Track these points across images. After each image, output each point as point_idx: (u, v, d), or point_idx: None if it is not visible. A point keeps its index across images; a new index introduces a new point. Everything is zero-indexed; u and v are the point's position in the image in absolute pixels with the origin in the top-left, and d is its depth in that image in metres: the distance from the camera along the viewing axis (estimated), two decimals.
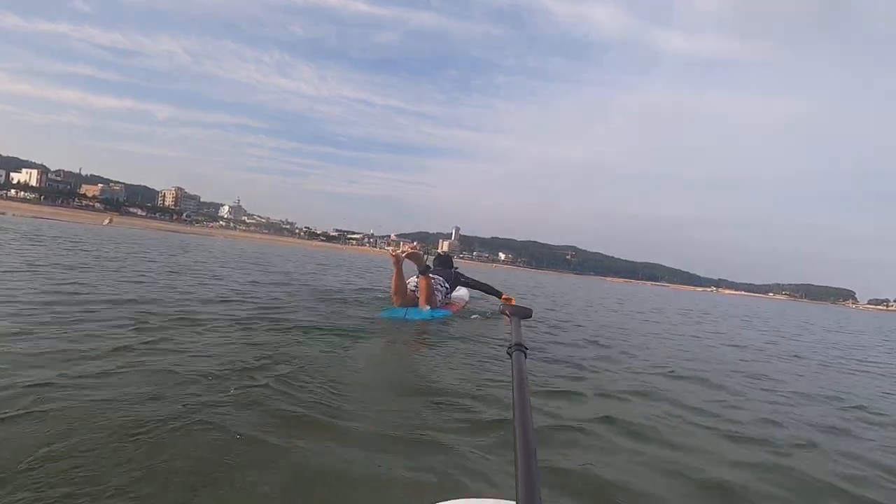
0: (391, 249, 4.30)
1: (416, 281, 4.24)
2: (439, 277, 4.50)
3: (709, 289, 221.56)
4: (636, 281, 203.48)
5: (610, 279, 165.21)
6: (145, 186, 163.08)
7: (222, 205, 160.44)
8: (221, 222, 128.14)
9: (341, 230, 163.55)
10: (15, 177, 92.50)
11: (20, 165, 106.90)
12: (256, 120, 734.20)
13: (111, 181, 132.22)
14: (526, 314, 0.97)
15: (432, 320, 3.91)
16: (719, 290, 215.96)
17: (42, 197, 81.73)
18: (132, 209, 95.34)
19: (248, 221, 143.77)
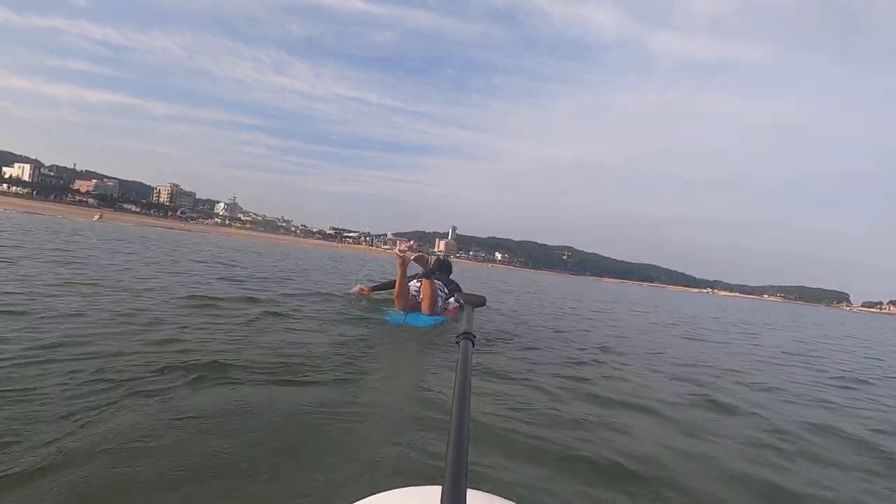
0: (397, 250, 3.95)
1: (418, 285, 4.04)
2: (439, 282, 4.27)
3: (705, 290, 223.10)
4: (631, 282, 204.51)
5: (606, 280, 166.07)
6: (140, 183, 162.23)
7: (218, 202, 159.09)
8: (217, 220, 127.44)
9: (337, 228, 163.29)
10: (7, 171, 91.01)
11: (14, 161, 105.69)
12: (252, 118, 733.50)
13: (106, 177, 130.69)
14: (480, 302, 1.01)
15: (432, 324, 3.73)
16: (715, 292, 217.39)
17: (34, 192, 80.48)
18: (126, 205, 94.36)
19: (244, 219, 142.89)
